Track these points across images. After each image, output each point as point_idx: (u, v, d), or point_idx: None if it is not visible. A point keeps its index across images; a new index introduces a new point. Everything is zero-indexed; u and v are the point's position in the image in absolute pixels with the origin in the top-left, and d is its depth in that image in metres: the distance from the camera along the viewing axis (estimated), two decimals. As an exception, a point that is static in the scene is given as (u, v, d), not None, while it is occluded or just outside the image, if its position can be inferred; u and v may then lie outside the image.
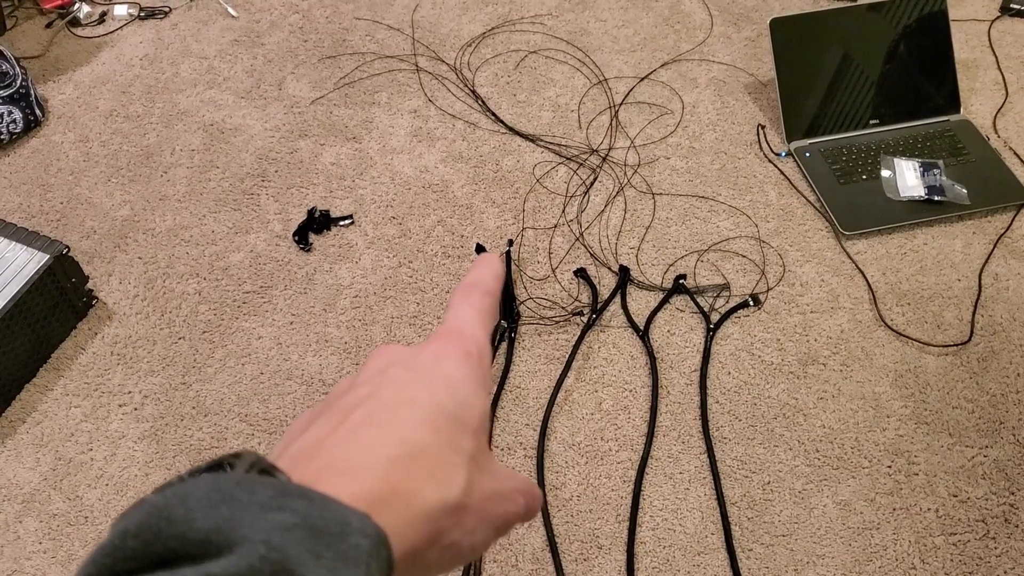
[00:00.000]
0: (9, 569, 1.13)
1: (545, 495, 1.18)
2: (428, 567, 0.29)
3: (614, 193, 1.54)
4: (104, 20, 1.90)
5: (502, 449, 1.23)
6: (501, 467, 0.32)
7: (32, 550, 1.15)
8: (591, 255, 1.45)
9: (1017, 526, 1.16)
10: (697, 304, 1.38)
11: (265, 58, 1.80)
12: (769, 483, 1.20)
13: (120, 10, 1.90)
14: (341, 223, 1.50)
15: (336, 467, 0.26)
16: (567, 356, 1.32)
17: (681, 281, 1.40)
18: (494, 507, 0.30)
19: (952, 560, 1.13)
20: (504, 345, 1.33)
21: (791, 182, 1.55)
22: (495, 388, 1.29)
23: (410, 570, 0.27)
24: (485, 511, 0.29)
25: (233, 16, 1.90)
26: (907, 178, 1.52)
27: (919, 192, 1.49)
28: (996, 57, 1.78)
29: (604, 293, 1.39)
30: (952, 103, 1.63)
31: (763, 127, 1.64)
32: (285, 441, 0.30)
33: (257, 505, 0.22)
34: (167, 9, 1.91)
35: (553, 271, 1.42)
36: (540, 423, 1.25)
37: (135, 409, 1.28)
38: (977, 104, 1.69)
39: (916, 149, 1.57)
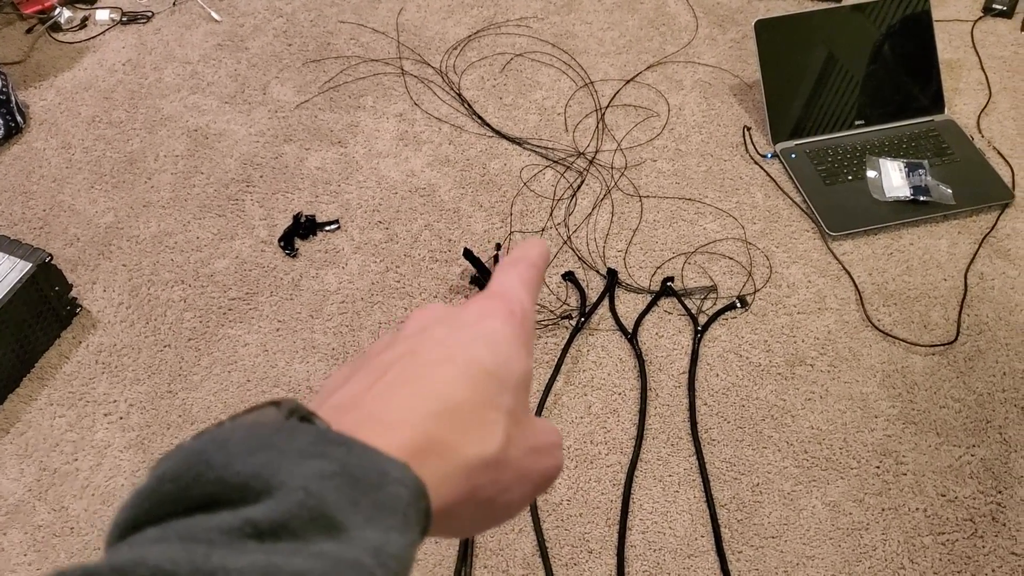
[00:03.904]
0: (-7, 582, 1.12)
1: (535, 500, 1.18)
2: (463, 523, 0.29)
3: (601, 196, 1.54)
4: (86, 25, 1.88)
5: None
6: (541, 424, 0.32)
7: (17, 562, 1.14)
8: (579, 258, 1.45)
9: (1004, 524, 1.16)
10: (685, 306, 1.38)
11: (249, 62, 1.79)
12: (758, 485, 1.20)
13: (102, 15, 1.89)
14: (327, 228, 1.49)
15: (375, 419, 0.26)
16: (556, 360, 1.31)
17: (669, 283, 1.40)
18: (532, 463, 0.30)
19: (941, 559, 1.14)
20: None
21: (777, 183, 1.55)
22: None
23: (446, 525, 0.27)
24: (523, 468, 0.29)
25: (216, 20, 1.88)
26: (892, 178, 1.52)
27: (904, 192, 1.50)
28: (979, 57, 1.79)
29: (592, 296, 1.39)
30: (936, 103, 1.64)
31: (749, 129, 1.65)
32: (322, 395, 0.30)
33: (296, 452, 0.22)
34: (149, 14, 1.90)
35: (541, 275, 1.42)
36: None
37: (120, 418, 1.27)
38: (961, 104, 1.70)
39: (901, 149, 1.57)
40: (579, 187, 1.55)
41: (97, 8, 1.90)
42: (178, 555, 0.19)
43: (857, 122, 1.61)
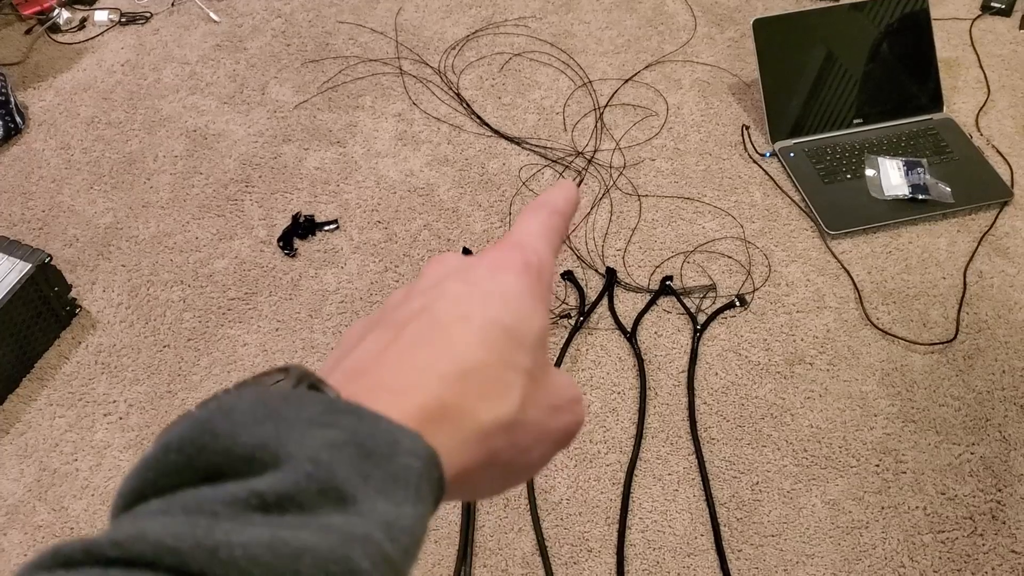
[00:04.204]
0: (-7, 582, 1.12)
1: (535, 499, 1.18)
2: (483, 487, 0.28)
3: (600, 195, 1.54)
4: (84, 26, 1.88)
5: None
6: (560, 378, 0.30)
7: (17, 562, 1.14)
8: (578, 258, 1.45)
9: (1004, 523, 1.17)
10: (684, 305, 1.38)
11: (248, 63, 1.79)
12: (758, 483, 1.20)
13: (101, 16, 1.89)
14: (326, 228, 1.49)
15: (387, 385, 0.26)
16: (555, 359, 1.31)
17: (668, 282, 1.40)
18: (552, 422, 0.29)
19: (940, 557, 1.14)
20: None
21: (776, 182, 1.56)
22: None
23: (464, 490, 0.27)
24: (542, 427, 0.29)
25: (215, 21, 1.88)
26: (891, 177, 1.52)
27: (903, 191, 1.50)
28: (978, 55, 1.79)
29: (591, 295, 1.39)
30: (935, 102, 1.64)
31: (747, 128, 1.65)
32: (338, 354, 0.29)
33: (304, 421, 0.22)
34: (148, 14, 1.90)
35: (540, 274, 1.42)
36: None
37: (120, 418, 1.27)
38: (959, 102, 1.70)
39: (900, 148, 1.57)
40: (578, 186, 1.55)
41: (96, 9, 1.90)
42: (181, 529, 0.19)
43: (856, 121, 1.62)
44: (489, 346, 0.27)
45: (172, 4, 1.92)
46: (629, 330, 1.35)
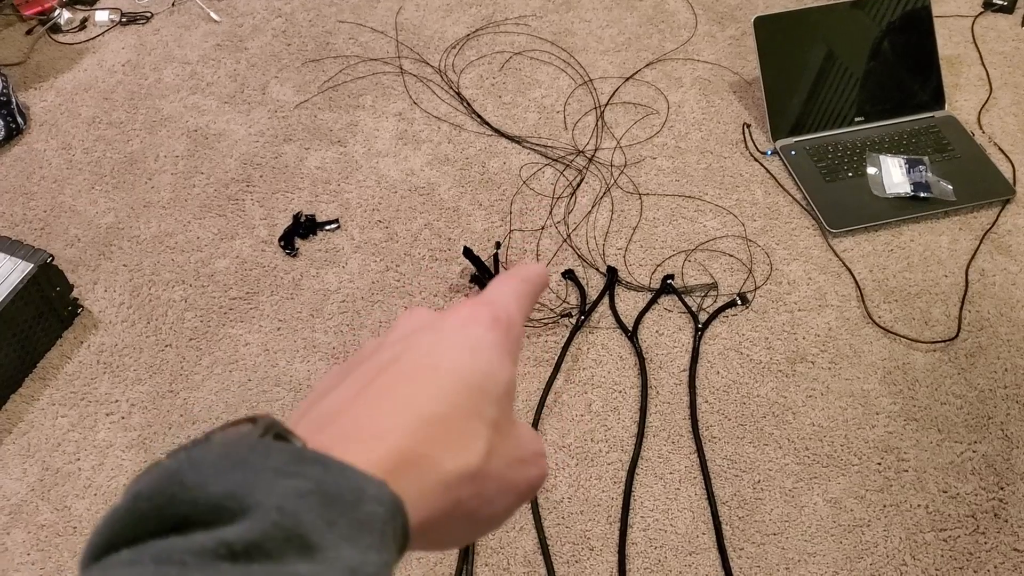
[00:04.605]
0: (-4, 582, 1.12)
1: (536, 497, 1.18)
2: (446, 536, 0.28)
3: (601, 194, 1.54)
4: (85, 26, 1.88)
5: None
6: (526, 431, 0.31)
7: (20, 562, 1.14)
8: (579, 256, 1.45)
9: (1007, 521, 1.16)
10: (685, 304, 1.38)
11: (248, 62, 1.79)
12: (759, 482, 1.20)
13: (101, 16, 1.89)
14: (327, 228, 1.49)
15: (354, 434, 0.26)
16: (556, 358, 1.31)
17: (669, 281, 1.40)
18: (516, 474, 0.30)
19: (943, 556, 1.14)
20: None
21: (777, 180, 1.55)
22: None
23: (429, 539, 0.27)
24: (506, 479, 0.29)
25: (215, 20, 1.89)
26: (893, 175, 1.52)
27: (905, 189, 1.50)
28: (980, 53, 1.78)
29: (592, 294, 1.39)
30: (937, 99, 1.64)
31: (748, 126, 1.65)
32: (309, 401, 0.30)
33: (271, 470, 0.22)
34: (149, 14, 1.90)
35: (541, 273, 1.42)
36: (530, 425, 1.24)
37: (122, 418, 1.27)
38: (961, 100, 1.69)
39: (901, 146, 1.57)
40: (579, 185, 1.55)
41: (96, 9, 1.91)
42: None
43: (857, 118, 1.61)
44: (456, 397, 0.28)
45: (172, 4, 1.93)
46: (630, 329, 1.35)
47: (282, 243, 1.47)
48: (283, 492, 0.21)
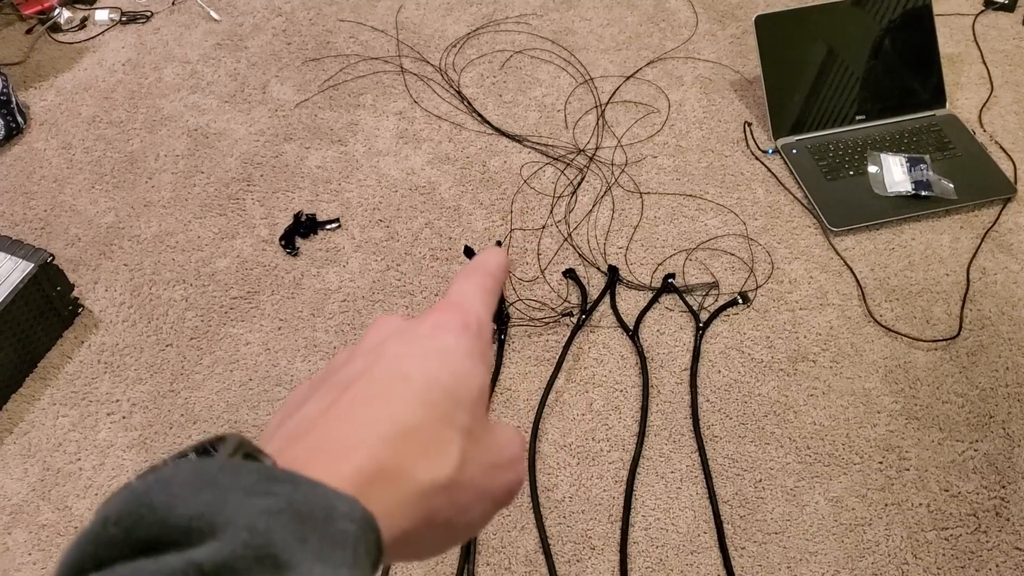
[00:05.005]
0: (-3, 582, 1.12)
1: (537, 497, 1.18)
2: (424, 546, 0.28)
3: (602, 193, 1.54)
4: (85, 25, 1.88)
5: (493, 452, 1.23)
6: (501, 434, 0.31)
7: (21, 561, 1.14)
8: (580, 255, 1.45)
9: (1008, 519, 1.16)
10: (686, 303, 1.37)
11: (248, 61, 1.79)
12: (761, 481, 1.20)
13: (101, 15, 1.89)
14: (328, 227, 1.49)
15: (326, 448, 0.26)
16: (557, 357, 1.31)
17: (670, 280, 1.40)
18: (491, 480, 0.29)
19: (944, 554, 1.14)
20: (494, 347, 1.33)
21: (778, 179, 1.55)
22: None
23: (405, 550, 0.27)
24: (481, 486, 0.29)
25: (215, 20, 1.88)
26: (894, 173, 1.52)
27: (906, 187, 1.50)
28: (980, 51, 1.78)
29: (593, 293, 1.39)
30: (938, 98, 1.64)
31: (750, 124, 1.64)
32: (281, 415, 0.30)
33: (241, 490, 0.22)
34: (149, 13, 1.90)
35: (542, 272, 1.42)
36: (531, 425, 1.24)
37: (123, 418, 1.27)
38: (962, 98, 1.69)
39: (902, 144, 1.57)
40: (579, 184, 1.55)
41: (96, 8, 1.90)
42: None
43: (858, 117, 1.61)
44: (428, 405, 0.28)
45: (172, 3, 1.92)
46: (631, 328, 1.35)
47: (283, 242, 1.47)
48: (253, 511, 0.21)
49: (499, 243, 1.45)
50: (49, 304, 1.31)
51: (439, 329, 0.30)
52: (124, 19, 1.89)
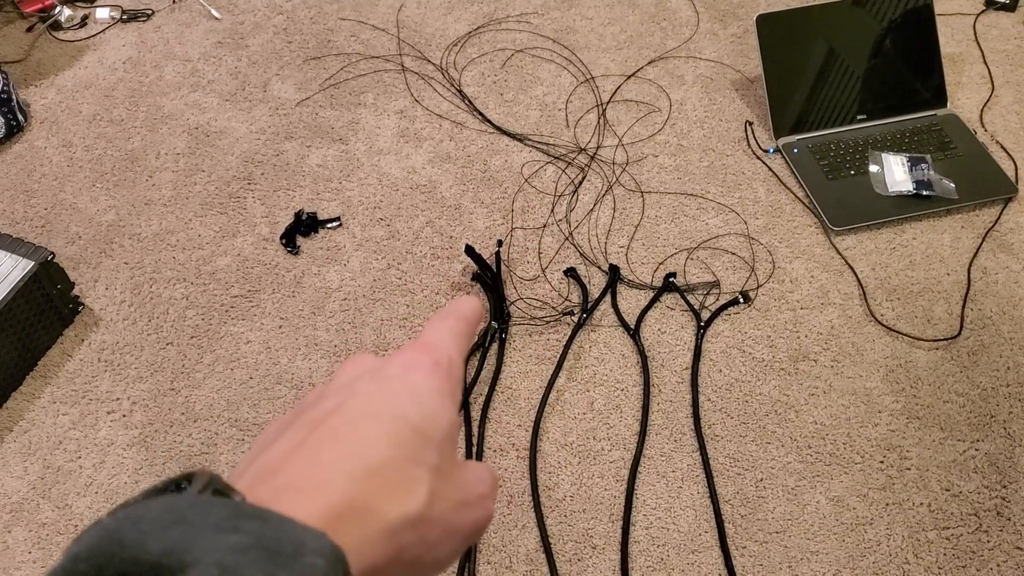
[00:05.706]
0: (-3, 580, 1.12)
1: (538, 496, 1.18)
2: None
3: (603, 192, 1.54)
4: (86, 23, 1.88)
5: (494, 450, 1.23)
6: (471, 472, 0.32)
7: (22, 560, 1.14)
8: (580, 254, 1.44)
9: (1009, 519, 1.16)
10: (687, 302, 1.37)
11: (249, 60, 1.79)
12: (762, 480, 1.20)
13: (102, 13, 1.89)
14: (329, 225, 1.49)
15: (296, 485, 0.26)
16: (558, 356, 1.31)
17: (671, 279, 1.39)
18: (460, 517, 0.30)
19: (945, 554, 1.13)
20: (495, 346, 1.33)
21: (779, 178, 1.55)
22: (487, 389, 1.28)
23: None
24: (450, 523, 0.29)
25: (216, 18, 1.88)
26: (895, 173, 1.52)
27: (907, 187, 1.50)
28: (982, 51, 1.78)
29: (594, 292, 1.39)
30: (939, 97, 1.64)
31: (751, 124, 1.64)
32: (253, 452, 0.30)
33: (210, 527, 0.22)
34: (149, 11, 1.90)
35: (543, 271, 1.42)
36: (532, 424, 1.24)
37: (124, 416, 1.27)
38: (964, 98, 1.69)
39: (903, 144, 1.57)
40: (580, 183, 1.55)
41: (97, 6, 1.90)
42: None
43: (859, 116, 1.61)
44: (397, 443, 0.28)
45: (173, 1, 1.92)
46: (632, 327, 1.34)
47: (283, 241, 1.46)
48: (223, 548, 0.21)
49: (500, 242, 1.45)
50: (49, 302, 1.31)
51: (410, 369, 0.31)
52: (125, 17, 1.89)
